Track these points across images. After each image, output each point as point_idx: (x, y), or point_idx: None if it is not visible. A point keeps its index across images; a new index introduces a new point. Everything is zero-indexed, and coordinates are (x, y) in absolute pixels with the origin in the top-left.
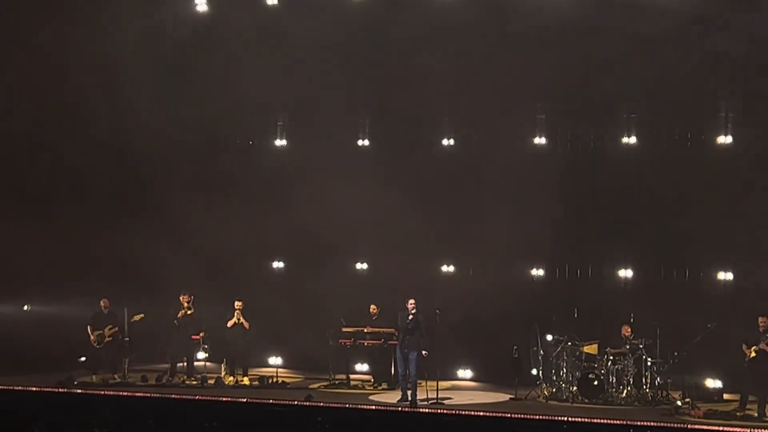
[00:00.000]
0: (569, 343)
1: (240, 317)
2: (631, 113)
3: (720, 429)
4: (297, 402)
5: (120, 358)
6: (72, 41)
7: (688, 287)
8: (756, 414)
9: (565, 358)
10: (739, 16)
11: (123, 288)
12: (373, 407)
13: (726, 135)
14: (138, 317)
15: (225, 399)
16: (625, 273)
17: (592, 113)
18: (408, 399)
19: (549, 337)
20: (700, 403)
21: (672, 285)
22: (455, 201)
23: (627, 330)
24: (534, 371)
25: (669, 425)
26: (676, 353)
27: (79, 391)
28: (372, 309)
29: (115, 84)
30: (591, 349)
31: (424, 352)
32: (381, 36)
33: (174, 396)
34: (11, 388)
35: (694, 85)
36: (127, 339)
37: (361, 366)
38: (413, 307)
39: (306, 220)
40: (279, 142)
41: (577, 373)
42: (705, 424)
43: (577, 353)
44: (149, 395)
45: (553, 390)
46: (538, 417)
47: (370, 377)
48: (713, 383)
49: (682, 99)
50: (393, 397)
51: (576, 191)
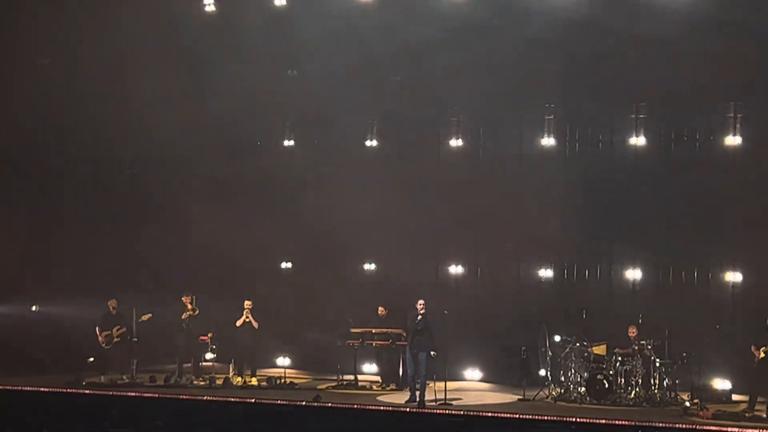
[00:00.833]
0: (577, 344)
1: (249, 317)
2: (640, 114)
3: (729, 430)
4: (305, 403)
5: (128, 358)
6: (81, 42)
7: (696, 288)
8: (765, 415)
9: (574, 358)
10: (749, 15)
11: (131, 288)
12: (382, 408)
13: (735, 135)
14: (146, 317)
15: (233, 399)
16: (634, 274)
17: (600, 114)
18: (416, 400)
19: (557, 338)
20: (708, 404)
21: (681, 286)
22: (463, 202)
23: (633, 330)
24: (542, 372)
25: (677, 426)
26: (684, 354)
27: (88, 392)
28: (380, 311)
29: (123, 84)
30: (599, 350)
31: (432, 352)
32: (390, 36)
33: (182, 396)
34: (20, 388)
35: (702, 86)
36: (136, 339)
37: (370, 367)
38: (423, 308)
39: (314, 220)
40: (287, 142)
41: (586, 374)
42: (714, 425)
43: (586, 354)
44: (157, 396)
45: (561, 391)
46: (546, 418)
47: (378, 378)
48: (722, 384)
49: (690, 100)
50: (401, 398)
51: (584, 192)
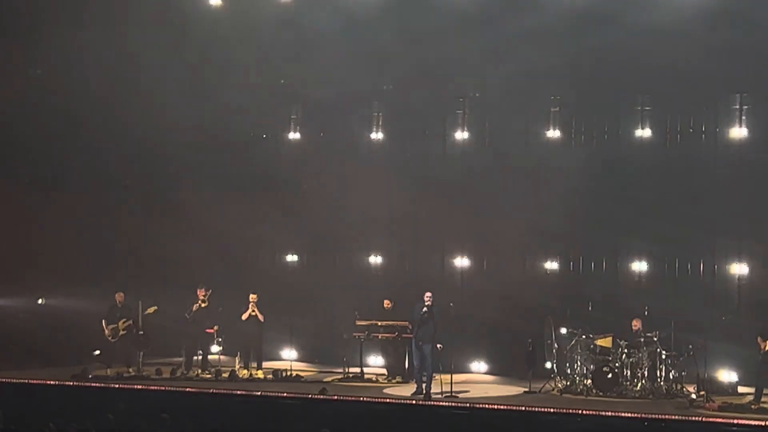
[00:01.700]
0: (583, 336)
1: (254, 310)
2: (645, 106)
3: (735, 422)
4: (311, 395)
5: (134, 351)
6: (90, 37)
7: (702, 280)
8: None
9: (579, 351)
10: (755, 7)
11: (138, 281)
12: (388, 400)
13: (740, 127)
14: (152, 310)
15: (239, 392)
16: (639, 266)
17: (606, 106)
18: (422, 392)
19: (563, 330)
20: (714, 396)
21: (686, 278)
22: (469, 194)
23: (637, 323)
24: (548, 364)
25: (683, 418)
26: (690, 346)
27: (94, 385)
28: (386, 304)
29: (130, 79)
30: (605, 342)
31: (438, 345)
32: (395, 29)
33: (188, 389)
34: (26, 381)
35: (708, 78)
36: (142, 332)
37: (375, 359)
38: (429, 300)
39: (320, 213)
40: (293, 135)
41: (591, 366)
42: (719, 417)
43: (591, 346)
44: (163, 389)
45: (567, 383)
46: (552, 410)
47: (384, 370)
48: (728, 376)
49: (696, 92)
50: (407, 391)
51: (590, 184)
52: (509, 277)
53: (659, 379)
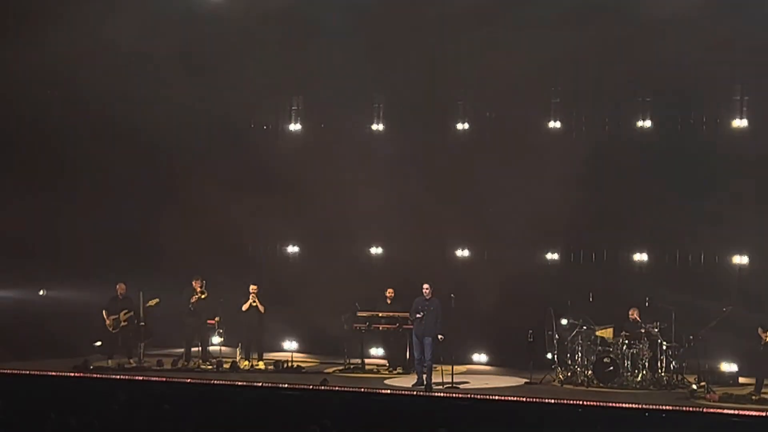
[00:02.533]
0: (584, 327)
1: (255, 301)
2: (646, 97)
3: (735, 413)
4: (312, 386)
5: (135, 342)
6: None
7: (703, 271)
8: None
9: (580, 342)
10: None
11: (139, 272)
12: (388, 391)
13: (741, 118)
14: (153, 302)
15: (240, 383)
16: (640, 257)
17: (606, 97)
18: (423, 383)
19: (564, 321)
20: (715, 387)
21: (687, 268)
22: (470, 185)
23: (634, 313)
24: (549, 355)
25: (684, 409)
26: (691, 337)
27: (95, 376)
28: (389, 293)
29: (130, 70)
30: (606, 333)
31: (439, 336)
32: (395, 20)
33: (189, 380)
34: (27, 372)
35: (709, 69)
36: (143, 324)
37: (376, 350)
38: (429, 292)
39: (320, 204)
40: (293, 126)
41: (592, 357)
42: (720, 407)
43: (592, 337)
44: (164, 380)
45: (568, 374)
46: (552, 401)
47: (385, 361)
48: (729, 367)
49: (697, 82)
50: (408, 381)
51: (591, 175)
52: (510, 268)
53: (660, 370)
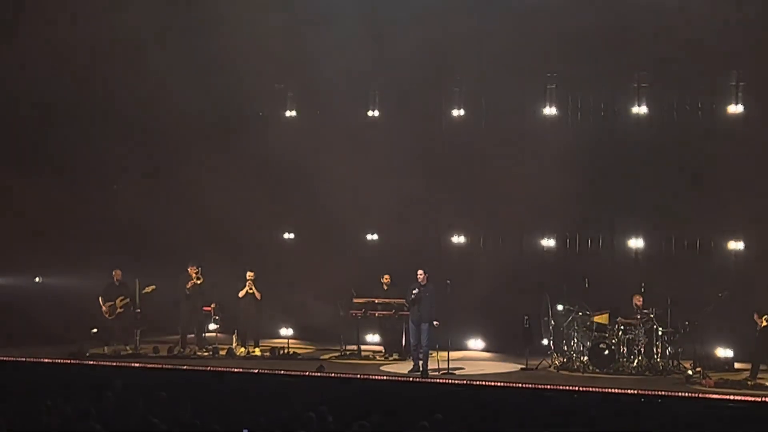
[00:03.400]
0: (580, 313)
1: (252, 288)
2: (642, 83)
3: (731, 398)
4: (308, 373)
5: (131, 329)
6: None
7: (699, 256)
8: (767, 383)
9: (576, 328)
10: None
11: (135, 259)
12: (385, 378)
13: (737, 104)
14: (150, 289)
15: (236, 370)
16: (636, 243)
17: (602, 83)
18: (419, 369)
19: (560, 307)
20: (711, 373)
21: (683, 254)
22: (466, 172)
23: (638, 300)
24: (545, 341)
25: (680, 394)
26: (687, 323)
27: (91, 363)
28: (385, 279)
29: (126, 57)
30: (602, 319)
31: (435, 322)
32: (391, 5)
33: (185, 367)
34: (23, 359)
35: (705, 54)
36: (139, 310)
37: (372, 337)
38: (423, 278)
39: (317, 190)
40: (289, 113)
41: (588, 343)
42: (716, 393)
43: (588, 323)
44: (161, 366)
45: (564, 360)
46: (548, 387)
47: (381, 348)
48: (724, 352)
49: (693, 68)
50: (404, 368)
51: (586, 161)
52: (506, 254)
53: (656, 356)
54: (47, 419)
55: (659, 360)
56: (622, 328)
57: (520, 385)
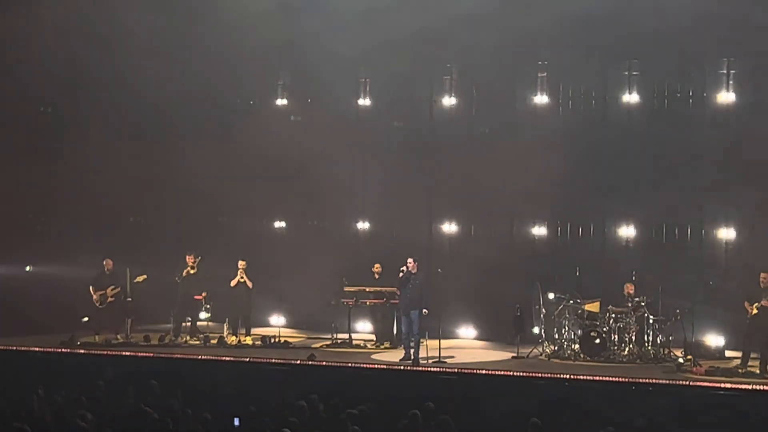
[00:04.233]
0: (571, 302)
1: (243, 276)
2: (633, 71)
3: (722, 386)
4: (300, 361)
5: (123, 318)
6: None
7: (689, 245)
8: (758, 371)
9: (567, 316)
10: None
11: (126, 248)
12: (376, 366)
13: (728, 92)
14: (141, 278)
15: (228, 358)
16: (627, 231)
17: (593, 71)
18: (410, 358)
19: (551, 296)
20: (701, 361)
21: (674, 243)
22: (456, 160)
23: (630, 288)
24: (536, 329)
25: (671, 382)
26: (677, 311)
27: (82, 352)
28: (376, 267)
29: (119, 46)
30: (593, 307)
31: (424, 310)
32: None
33: (177, 356)
34: (14, 348)
35: (695, 43)
36: (130, 299)
37: (364, 325)
38: (413, 266)
39: (308, 179)
40: (280, 101)
41: (579, 331)
42: (707, 381)
43: (579, 311)
44: (152, 355)
45: (555, 348)
46: (540, 375)
47: (372, 336)
48: (715, 340)
49: (683, 56)
50: (395, 356)
51: (577, 149)
52: (497, 243)
53: (647, 344)
54: (38, 408)
55: (650, 348)
56: (613, 316)
57: (511, 374)
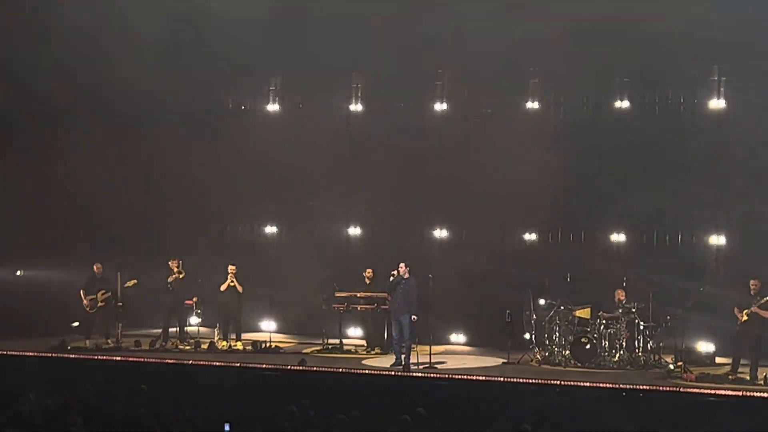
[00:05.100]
0: (562, 308)
1: (234, 281)
2: (624, 77)
3: (712, 392)
4: (290, 367)
5: (113, 323)
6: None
7: (680, 251)
8: (748, 377)
9: (558, 322)
10: None
11: (116, 252)
12: (367, 371)
13: (719, 99)
14: (131, 283)
15: (218, 364)
16: (618, 237)
17: (584, 77)
18: (401, 363)
19: (542, 302)
20: (692, 367)
21: (664, 249)
22: (448, 165)
23: (621, 294)
24: (527, 335)
25: (661, 389)
26: (668, 317)
27: (72, 356)
28: (367, 273)
29: (108, 51)
30: (583, 313)
31: (413, 317)
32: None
33: (167, 361)
34: (5, 352)
35: (686, 49)
36: (120, 304)
37: (355, 330)
38: (404, 271)
39: (299, 184)
40: (271, 106)
41: (570, 337)
42: (697, 387)
43: (570, 317)
44: (142, 360)
45: (546, 354)
46: (530, 381)
47: (363, 342)
48: (705, 347)
49: (674, 63)
50: (386, 362)
51: (568, 156)
52: (488, 249)
53: (637, 350)
54: (29, 412)
55: (641, 354)
56: (603, 322)
57: (502, 379)
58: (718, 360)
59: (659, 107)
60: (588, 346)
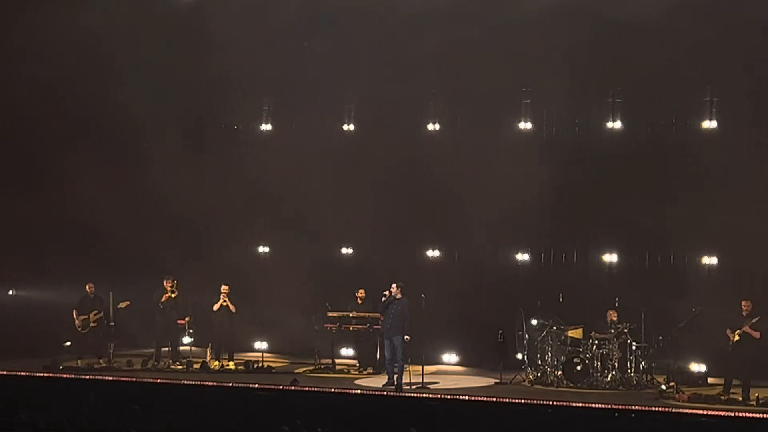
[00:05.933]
0: (554, 328)
1: (226, 301)
2: (616, 98)
3: (704, 413)
4: (283, 386)
5: (105, 342)
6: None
7: (672, 272)
8: (740, 398)
9: (550, 342)
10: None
11: (109, 272)
12: (359, 391)
13: (711, 120)
14: (123, 304)
15: (210, 383)
16: (610, 258)
17: (577, 98)
18: (394, 383)
19: (534, 322)
20: (684, 387)
21: (656, 270)
22: (441, 186)
23: (613, 315)
24: (519, 355)
25: (653, 409)
26: (660, 337)
27: (65, 376)
28: (359, 293)
29: (102, 64)
30: (576, 334)
31: (406, 337)
32: (367, 20)
33: (159, 381)
34: None
35: (679, 70)
36: (113, 324)
37: (347, 350)
38: (397, 291)
39: (291, 204)
40: (264, 126)
41: (562, 358)
42: (689, 408)
43: (562, 337)
44: (134, 380)
45: (538, 374)
46: (522, 401)
47: (355, 361)
48: (698, 367)
49: (666, 84)
50: (378, 382)
51: (561, 176)
52: (480, 269)
53: (629, 371)
54: None
55: (633, 375)
56: (596, 342)
57: (494, 400)
58: (710, 380)
59: (651, 127)
60: (580, 366)
